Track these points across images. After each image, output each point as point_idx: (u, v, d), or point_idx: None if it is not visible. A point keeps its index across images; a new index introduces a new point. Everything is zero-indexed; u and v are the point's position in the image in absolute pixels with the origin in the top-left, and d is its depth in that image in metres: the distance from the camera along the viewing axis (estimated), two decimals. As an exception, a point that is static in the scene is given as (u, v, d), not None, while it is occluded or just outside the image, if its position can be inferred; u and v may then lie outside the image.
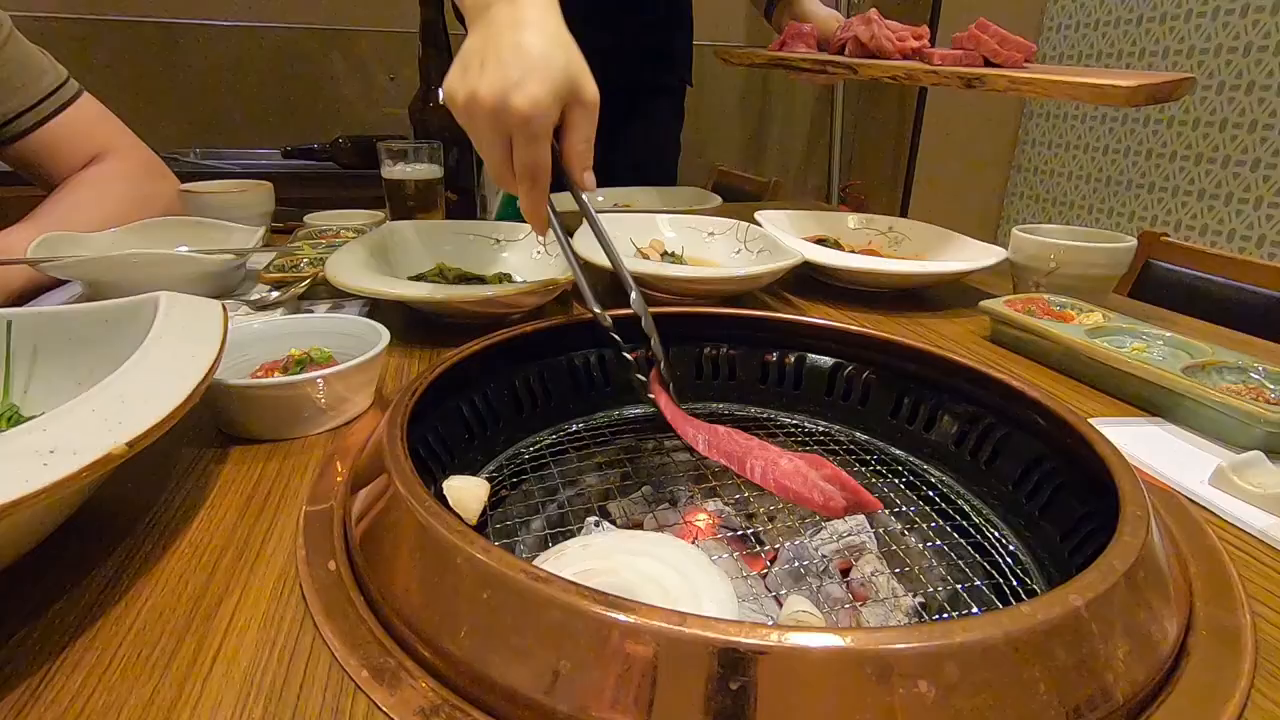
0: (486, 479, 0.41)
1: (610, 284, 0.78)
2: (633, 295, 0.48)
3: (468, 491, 0.38)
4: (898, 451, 0.49)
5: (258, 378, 0.46)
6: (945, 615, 0.37)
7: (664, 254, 0.84)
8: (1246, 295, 1.01)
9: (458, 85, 0.47)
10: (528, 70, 0.45)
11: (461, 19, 0.56)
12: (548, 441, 0.49)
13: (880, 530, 0.42)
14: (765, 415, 0.54)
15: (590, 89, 0.48)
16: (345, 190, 1.52)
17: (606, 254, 0.52)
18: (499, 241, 0.79)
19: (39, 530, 0.31)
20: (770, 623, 0.30)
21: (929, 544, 0.40)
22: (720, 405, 0.54)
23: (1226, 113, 1.83)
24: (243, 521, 0.36)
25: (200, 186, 0.92)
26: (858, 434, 0.51)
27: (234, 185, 0.94)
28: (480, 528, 0.38)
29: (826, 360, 0.53)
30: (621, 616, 0.23)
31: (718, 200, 1.13)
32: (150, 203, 0.84)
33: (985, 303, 0.66)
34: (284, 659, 0.27)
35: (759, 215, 0.90)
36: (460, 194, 1.02)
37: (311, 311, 0.66)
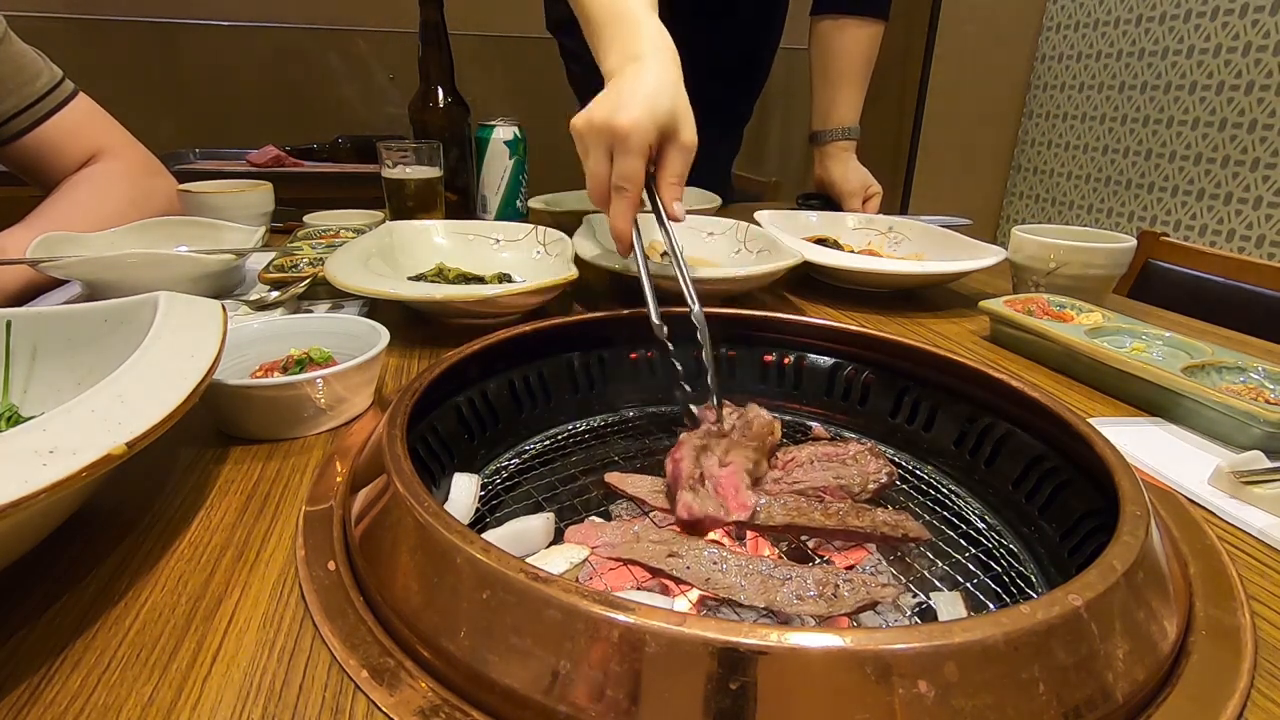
0: (486, 480, 0.41)
1: (610, 286, 0.79)
2: (694, 309, 0.48)
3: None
4: (898, 451, 0.49)
5: (257, 378, 0.46)
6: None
7: (664, 254, 0.84)
8: (1246, 295, 1.01)
9: (581, 116, 0.55)
10: (635, 101, 0.52)
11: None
12: (548, 441, 0.49)
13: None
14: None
15: (689, 133, 0.55)
16: (345, 190, 1.52)
17: (679, 273, 0.52)
18: (499, 241, 0.79)
19: (39, 530, 0.31)
20: (771, 622, 0.30)
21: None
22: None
23: (1226, 113, 1.83)
24: (243, 521, 0.36)
25: (200, 186, 0.92)
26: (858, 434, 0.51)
27: (234, 185, 0.94)
28: (480, 528, 0.38)
29: (826, 360, 0.53)
30: (621, 617, 0.23)
31: (718, 200, 1.13)
32: (148, 202, 0.84)
33: (985, 303, 0.66)
34: (284, 659, 0.27)
35: (759, 215, 0.90)
36: (460, 194, 1.03)
37: (311, 311, 0.66)
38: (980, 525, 0.42)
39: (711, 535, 0.37)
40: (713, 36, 1.16)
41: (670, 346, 0.47)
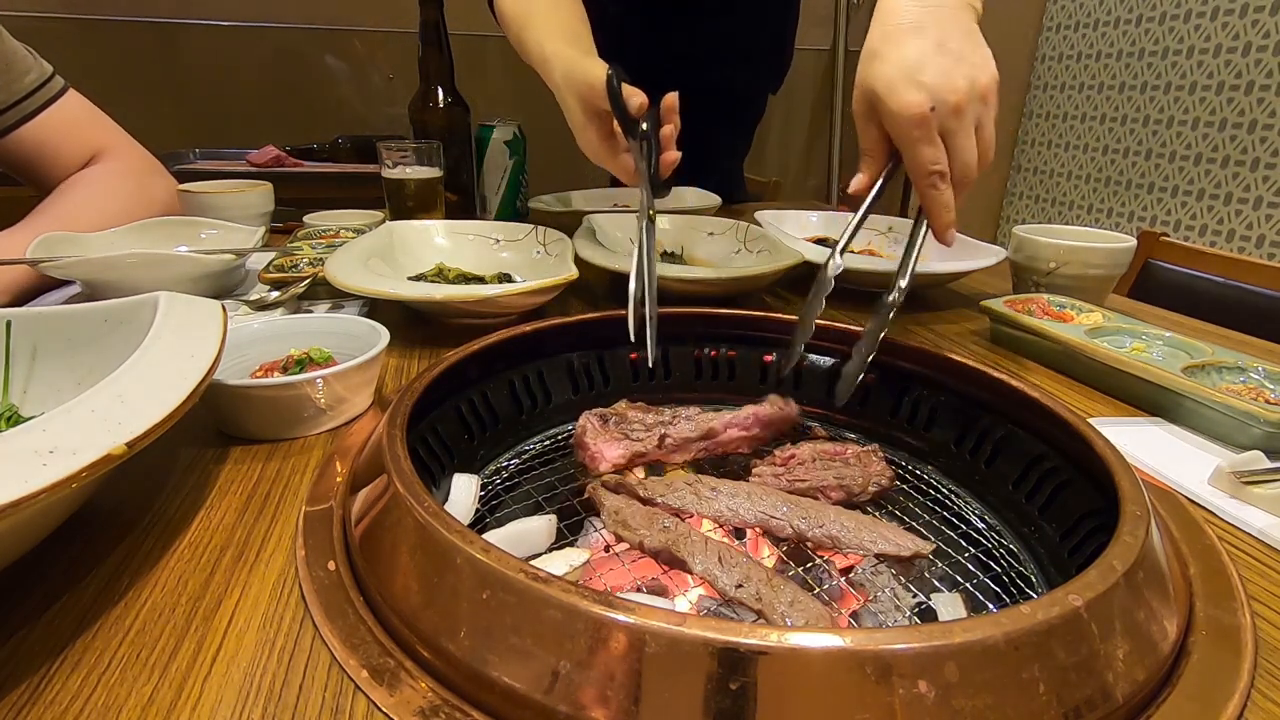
0: (486, 480, 0.41)
1: (610, 286, 0.79)
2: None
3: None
4: (897, 451, 0.49)
5: (257, 378, 0.46)
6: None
7: (664, 253, 0.84)
8: (1246, 295, 1.01)
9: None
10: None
11: None
12: (548, 441, 0.49)
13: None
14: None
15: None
16: (345, 190, 1.52)
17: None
18: (499, 241, 0.79)
19: (39, 530, 0.31)
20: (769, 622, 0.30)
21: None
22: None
23: (1226, 113, 1.83)
24: (243, 521, 0.36)
25: (200, 186, 0.92)
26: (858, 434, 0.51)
27: (234, 185, 0.94)
28: (480, 528, 0.38)
29: (826, 360, 0.53)
30: (621, 617, 0.23)
31: (718, 200, 1.13)
32: (149, 202, 0.84)
33: (985, 303, 0.66)
34: (284, 659, 0.27)
35: (759, 215, 0.90)
36: (460, 194, 1.03)
37: (311, 311, 0.66)
38: (980, 525, 0.42)
39: (708, 532, 0.37)
40: (737, 21, 1.16)
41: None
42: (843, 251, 0.49)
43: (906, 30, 0.47)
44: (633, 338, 0.49)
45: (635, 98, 0.58)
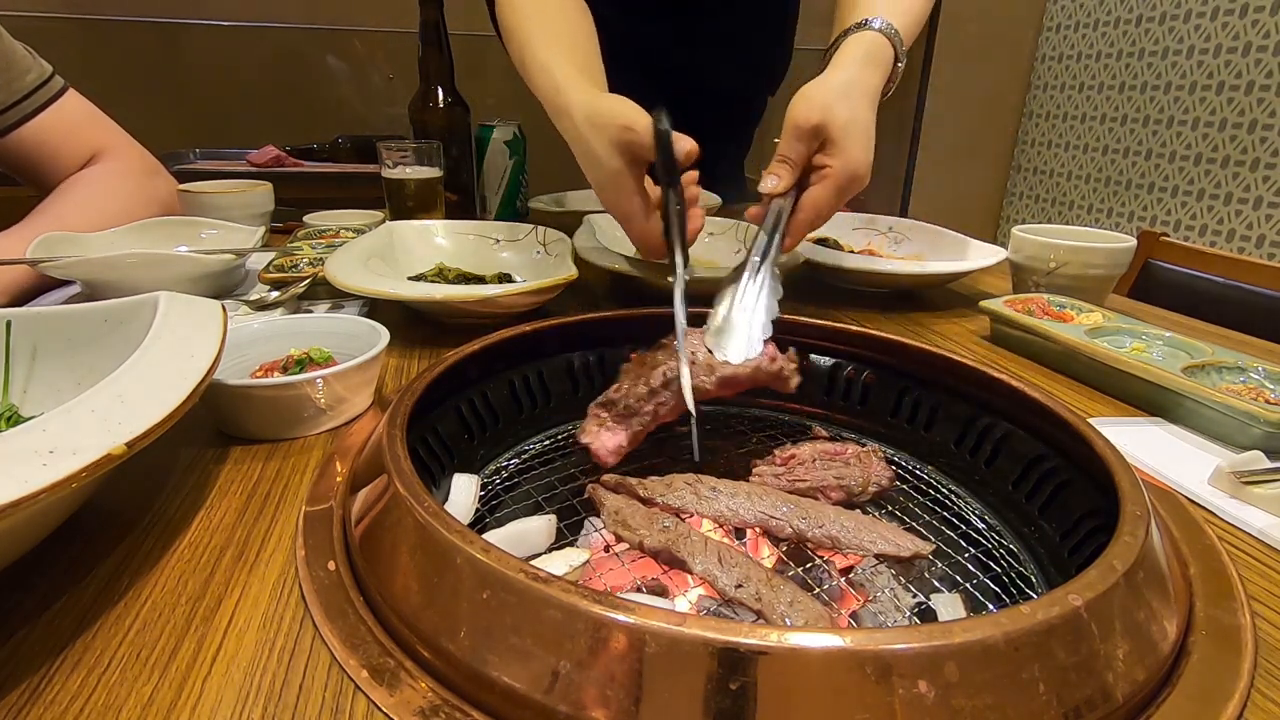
0: (485, 480, 0.41)
1: (610, 286, 0.79)
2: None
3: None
4: (898, 451, 0.49)
5: (257, 378, 0.46)
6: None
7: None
8: (1246, 295, 1.01)
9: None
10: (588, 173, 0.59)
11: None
12: (548, 441, 0.49)
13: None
14: (765, 415, 0.54)
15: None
16: (345, 190, 1.52)
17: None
18: (499, 241, 0.79)
19: (39, 530, 0.31)
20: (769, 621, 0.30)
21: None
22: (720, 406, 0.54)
23: (1226, 113, 1.83)
24: (242, 521, 0.36)
25: (200, 186, 0.92)
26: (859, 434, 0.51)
27: (234, 185, 0.94)
28: (480, 528, 0.38)
29: (826, 360, 0.53)
30: (621, 617, 0.23)
31: (718, 200, 1.13)
32: (149, 202, 0.84)
33: (985, 303, 0.66)
34: (284, 659, 0.27)
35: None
36: (460, 194, 1.03)
37: (311, 311, 0.66)
38: (980, 525, 0.42)
39: (708, 532, 0.37)
40: (729, 20, 1.15)
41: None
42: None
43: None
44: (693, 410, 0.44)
45: (684, 143, 0.51)
